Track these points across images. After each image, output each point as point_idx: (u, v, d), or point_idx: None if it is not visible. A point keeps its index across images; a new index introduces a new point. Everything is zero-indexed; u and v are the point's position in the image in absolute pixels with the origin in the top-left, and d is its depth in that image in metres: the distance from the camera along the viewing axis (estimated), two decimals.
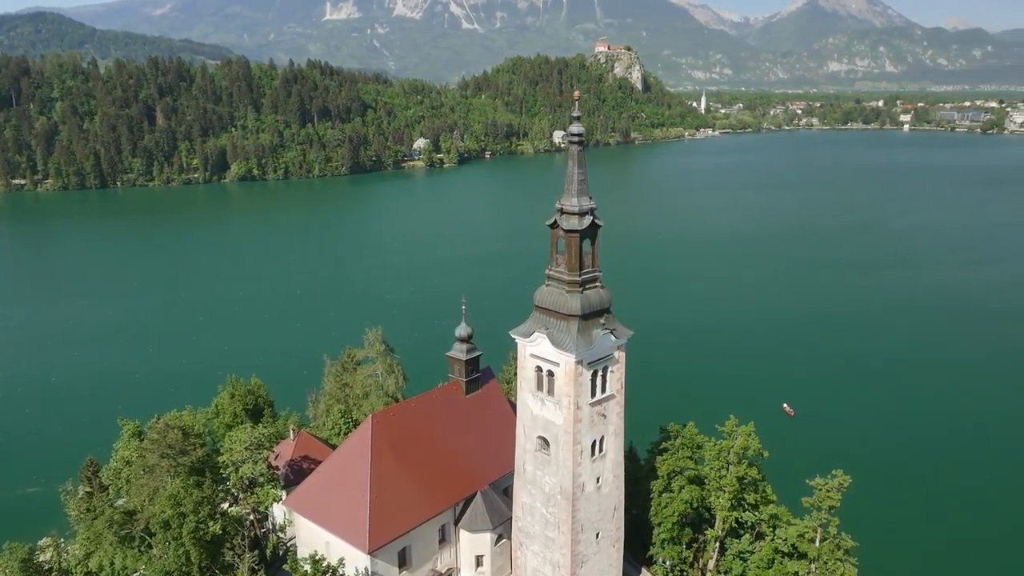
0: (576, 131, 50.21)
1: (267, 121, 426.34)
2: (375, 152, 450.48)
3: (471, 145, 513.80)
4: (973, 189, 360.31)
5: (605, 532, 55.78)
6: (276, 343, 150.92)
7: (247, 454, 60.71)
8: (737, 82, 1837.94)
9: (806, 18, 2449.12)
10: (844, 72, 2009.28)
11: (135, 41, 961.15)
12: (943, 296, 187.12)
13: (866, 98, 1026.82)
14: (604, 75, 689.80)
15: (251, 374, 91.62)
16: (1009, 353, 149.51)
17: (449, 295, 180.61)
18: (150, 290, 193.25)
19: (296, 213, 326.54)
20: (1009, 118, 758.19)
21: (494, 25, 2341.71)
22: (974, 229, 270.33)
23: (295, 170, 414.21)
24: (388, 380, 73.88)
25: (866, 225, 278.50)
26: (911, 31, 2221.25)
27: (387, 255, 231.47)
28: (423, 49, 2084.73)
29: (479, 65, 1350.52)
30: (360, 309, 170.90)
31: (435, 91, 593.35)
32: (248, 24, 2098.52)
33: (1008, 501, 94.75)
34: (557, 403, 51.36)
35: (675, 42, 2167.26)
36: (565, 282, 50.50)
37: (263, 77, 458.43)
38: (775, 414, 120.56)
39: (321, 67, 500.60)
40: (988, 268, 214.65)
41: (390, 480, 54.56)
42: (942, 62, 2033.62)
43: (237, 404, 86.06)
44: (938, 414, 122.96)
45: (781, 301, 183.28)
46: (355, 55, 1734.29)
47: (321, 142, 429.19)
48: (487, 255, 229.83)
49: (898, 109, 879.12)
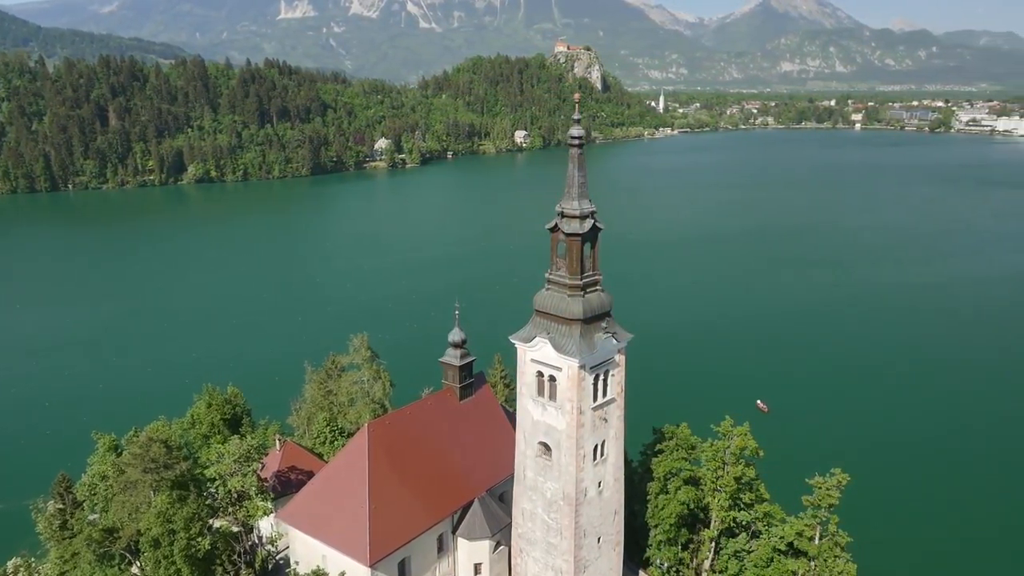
0: (576, 134, 49.85)
1: (225, 122, 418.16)
2: (336, 153, 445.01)
3: (433, 145, 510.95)
4: (925, 187, 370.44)
5: (606, 536, 55.51)
6: (249, 350, 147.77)
7: (236, 466, 58.96)
8: (693, 82, 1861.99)
9: (759, 19, 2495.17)
10: (796, 72, 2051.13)
11: (83, 39, 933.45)
12: (903, 291, 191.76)
13: (818, 97, 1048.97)
14: (564, 75, 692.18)
15: (226, 382, 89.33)
16: (974, 345, 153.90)
17: (422, 298, 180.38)
18: (111, 297, 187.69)
19: (259, 215, 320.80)
20: (955, 117, 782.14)
21: (452, 24, 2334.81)
22: (928, 226, 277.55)
23: (255, 171, 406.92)
24: (375, 387, 72.52)
25: (827, 223, 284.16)
26: (860, 32, 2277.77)
27: (356, 258, 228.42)
28: (380, 48, 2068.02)
29: (437, 65, 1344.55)
30: (333, 313, 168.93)
31: (395, 91, 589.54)
32: (200, 22, 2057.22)
33: (987, 491, 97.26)
34: (559, 408, 50.88)
35: (631, 42, 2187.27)
36: (566, 286, 50.02)
37: (219, 77, 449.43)
38: (751, 411, 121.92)
39: (279, 66, 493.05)
40: (945, 263, 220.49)
41: (389, 490, 53.46)
42: (889, 62, 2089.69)
43: (214, 414, 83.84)
44: (911, 406, 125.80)
45: (748, 299, 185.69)
46: (310, 54, 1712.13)
47: (281, 143, 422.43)
48: (459, 256, 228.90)
49: (849, 108, 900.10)
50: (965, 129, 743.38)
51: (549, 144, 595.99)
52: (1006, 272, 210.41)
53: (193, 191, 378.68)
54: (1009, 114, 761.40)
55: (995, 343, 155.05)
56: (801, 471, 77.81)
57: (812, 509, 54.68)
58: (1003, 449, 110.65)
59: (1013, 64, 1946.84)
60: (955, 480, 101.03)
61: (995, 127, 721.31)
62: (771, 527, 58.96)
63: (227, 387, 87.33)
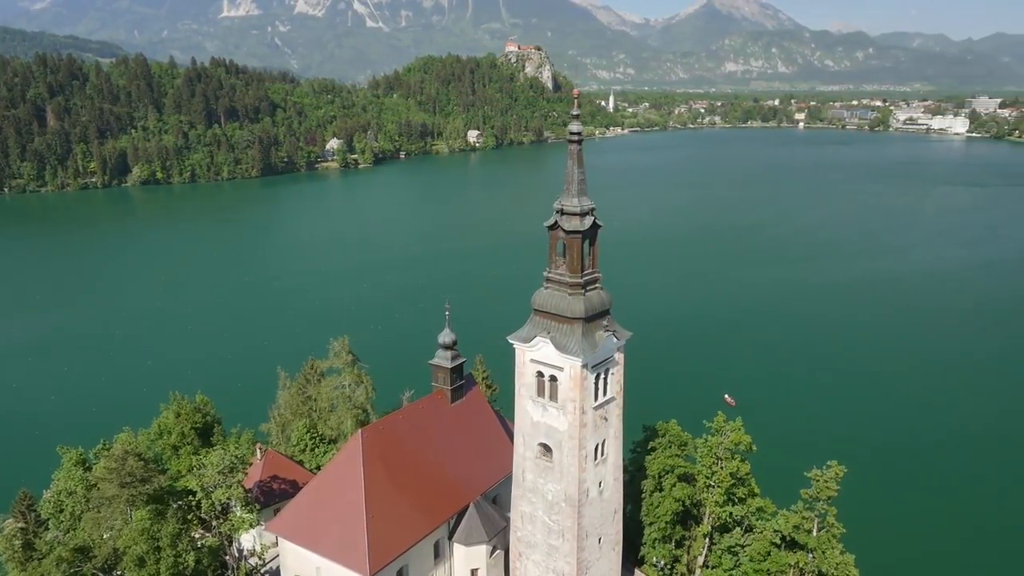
0: (575, 130, 49.35)
1: (170, 122, 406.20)
2: (287, 153, 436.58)
3: (385, 145, 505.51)
4: (871, 184, 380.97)
5: (606, 536, 54.97)
6: (214, 357, 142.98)
7: (220, 478, 56.60)
8: (640, 82, 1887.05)
9: (703, 20, 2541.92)
10: (740, 72, 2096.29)
11: (13, 37, 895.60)
12: (861, 284, 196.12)
13: (763, 97, 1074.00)
14: (515, 74, 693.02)
15: (194, 391, 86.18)
16: (928, 335, 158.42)
17: (390, 300, 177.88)
18: (59, 305, 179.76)
19: (212, 217, 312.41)
20: (893, 116, 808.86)
21: (399, 24, 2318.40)
22: (877, 222, 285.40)
23: (203, 173, 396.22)
24: (357, 391, 70.59)
25: (782, 219, 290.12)
26: (800, 33, 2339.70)
27: (317, 260, 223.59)
28: (327, 48, 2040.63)
29: (385, 64, 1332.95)
30: (297, 317, 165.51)
31: (346, 90, 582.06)
32: (138, 20, 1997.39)
33: (964, 475, 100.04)
34: (561, 408, 50.09)
35: (579, 42, 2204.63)
36: (567, 284, 49.27)
37: (163, 76, 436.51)
38: (720, 405, 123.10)
39: (226, 65, 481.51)
40: (897, 257, 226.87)
41: (385, 497, 51.93)
42: (829, 63, 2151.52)
43: (184, 423, 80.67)
44: (884, 395, 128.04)
45: (710, 296, 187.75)
46: (255, 53, 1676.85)
47: (229, 143, 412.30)
48: (424, 256, 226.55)
49: (793, 108, 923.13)
50: (903, 128, 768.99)
51: (502, 144, 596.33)
52: (955, 265, 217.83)
53: (138, 193, 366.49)
54: (943, 113, 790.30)
55: (958, 333, 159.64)
56: (780, 463, 79.01)
57: (810, 502, 54.96)
58: (976, 434, 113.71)
59: (944, 65, 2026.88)
60: (934, 467, 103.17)
61: (931, 126, 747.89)
62: (764, 521, 59.36)
63: (195, 395, 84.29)
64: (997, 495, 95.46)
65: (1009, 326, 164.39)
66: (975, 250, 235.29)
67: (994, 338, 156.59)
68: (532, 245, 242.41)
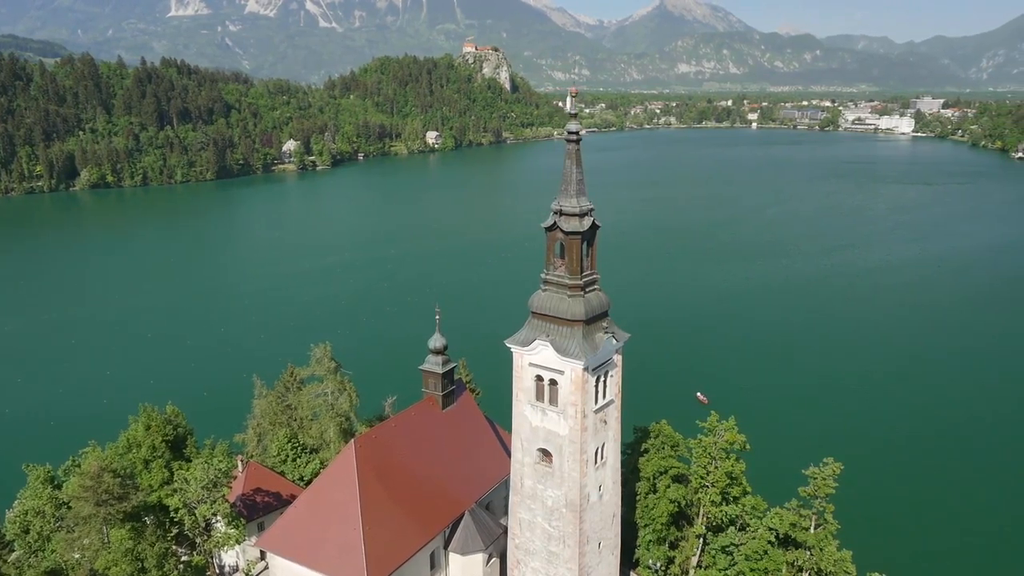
0: (574, 128, 48.55)
1: (120, 124, 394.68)
2: (243, 155, 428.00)
3: (343, 147, 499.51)
4: (826, 183, 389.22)
5: (606, 540, 54.31)
6: (180, 365, 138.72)
7: (204, 493, 54.39)
8: (595, 82, 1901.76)
9: (655, 22, 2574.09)
10: (693, 73, 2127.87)
11: None
12: (817, 281, 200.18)
13: (716, 98, 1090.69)
14: (473, 75, 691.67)
15: (159, 400, 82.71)
16: (898, 329, 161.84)
17: (358, 304, 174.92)
18: (8, 315, 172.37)
19: (165, 222, 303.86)
20: (842, 116, 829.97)
21: (353, 24, 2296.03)
22: (833, 219, 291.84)
23: (155, 176, 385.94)
24: (340, 399, 68.66)
25: (741, 218, 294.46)
26: (750, 35, 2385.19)
27: (278, 264, 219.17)
28: (279, 48, 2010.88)
29: (339, 65, 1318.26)
30: (265, 324, 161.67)
31: (301, 91, 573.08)
32: (82, 19, 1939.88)
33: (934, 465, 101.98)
34: (561, 413, 49.23)
35: (534, 43, 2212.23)
36: (566, 286, 48.41)
37: (112, 76, 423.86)
38: (691, 402, 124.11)
39: (177, 65, 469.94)
40: (857, 253, 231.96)
41: (381, 509, 50.42)
42: (778, 64, 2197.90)
43: (155, 436, 77.63)
44: (853, 388, 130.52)
45: (676, 293, 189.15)
46: (205, 54, 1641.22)
47: (183, 145, 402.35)
48: (394, 258, 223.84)
49: (745, 108, 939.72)
50: (851, 127, 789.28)
51: (461, 145, 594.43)
52: (910, 258, 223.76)
53: (88, 198, 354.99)
54: (890, 113, 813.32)
55: (928, 326, 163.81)
56: (759, 460, 78.83)
57: (808, 500, 55.12)
58: (959, 424, 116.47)
59: (887, 66, 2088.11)
60: (920, 460, 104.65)
61: (878, 126, 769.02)
62: (757, 519, 59.35)
63: (165, 406, 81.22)
64: (979, 484, 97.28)
65: (977, 317, 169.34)
66: (928, 245, 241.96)
67: (969, 330, 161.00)
68: (504, 246, 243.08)
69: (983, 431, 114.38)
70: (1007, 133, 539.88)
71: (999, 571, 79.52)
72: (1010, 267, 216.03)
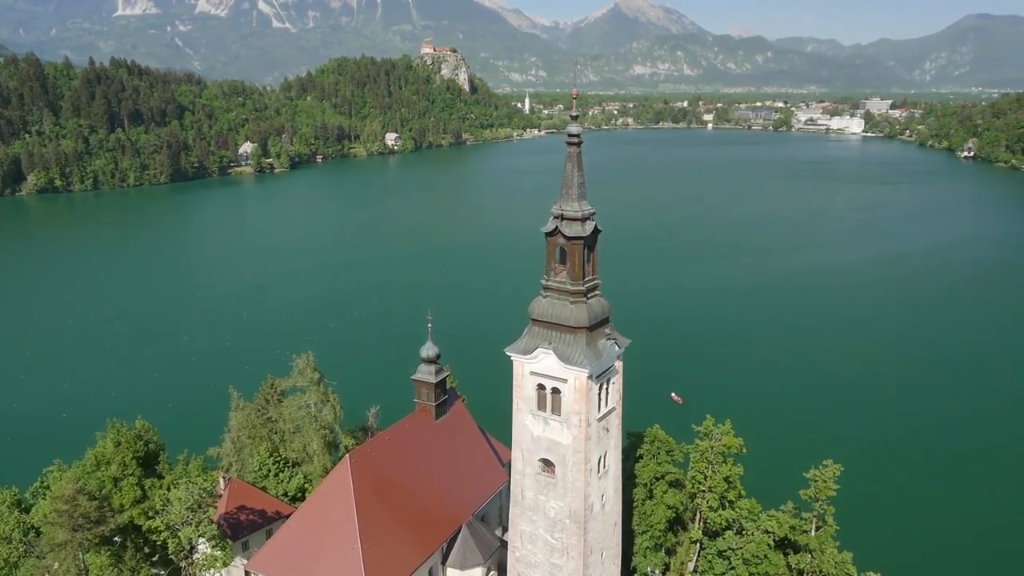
0: (575, 131, 47.27)
1: (68, 126, 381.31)
2: (198, 158, 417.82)
3: (301, 149, 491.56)
4: (784, 183, 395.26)
5: (608, 550, 53.35)
6: (145, 378, 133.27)
7: (189, 515, 51.78)
8: (552, 83, 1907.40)
9: (610, 24, 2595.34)
10: (648, 75, 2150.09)
11: None
12: (784, 278, 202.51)
13: (671, 99, 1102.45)
14: (432, 76, 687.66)
15: (125, 415, 79.18)
16: (864, 326, 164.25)
17: (324, 309, 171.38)
18: None
19: (118, 227, 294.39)
20: (794, 117, 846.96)
21: (307, 24, 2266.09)
22: (792, 217, 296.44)
23: (106, 179, 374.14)
24: (324, 410, 66.37)
25: (705, 217, 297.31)
26: (703, 37, 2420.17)
27: (239, 270, 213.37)
28: (231, 48, 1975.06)
29: (293, 65, 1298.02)
30: (234, 332, 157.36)
31: (257, 92, 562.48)
32: (24, 18, 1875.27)
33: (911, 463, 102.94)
34: (565, 422, 48.05)
35: (490, 45, 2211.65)
36: (568, 292, 47.27)
37: (59, 77, 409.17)
38: (667, 402, 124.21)
39: (128, 66, 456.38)
40: (816, 251, 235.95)
41: (379, 525, 48.60)
42: (731, 66, 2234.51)
43: (125, 452, 74.27)
44: (827, 387, 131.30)
45: (643, 295, 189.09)
46: (154, 54, 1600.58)
47: (135, 148, 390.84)
48: (356, 263, 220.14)
49: (701, 109, 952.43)
50: (804, 128, 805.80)
51: (421, 146, 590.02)
52: (875, 256, 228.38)
53: (35, 203, 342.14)
54: (840, 114, 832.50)
55: (902, 324, 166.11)
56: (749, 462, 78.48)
57: (809, 502, 54.92)
58: (944, 423, 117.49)
59: (836, 68, 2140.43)
60: (911, 459, 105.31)
61: (830, 126, 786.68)
62: (751, 522, 59.02)
63: (135, 421, 77.80)
64: (972, 482, 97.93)
65: (955, 312, 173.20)
66: (891, 243, 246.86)
67: (949, 325, 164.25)
68: (478, 248, 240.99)
69: (971, 426, 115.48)
70: (953, 133, 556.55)
71: (999, 571, 79.65)
72: (974, 262, 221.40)
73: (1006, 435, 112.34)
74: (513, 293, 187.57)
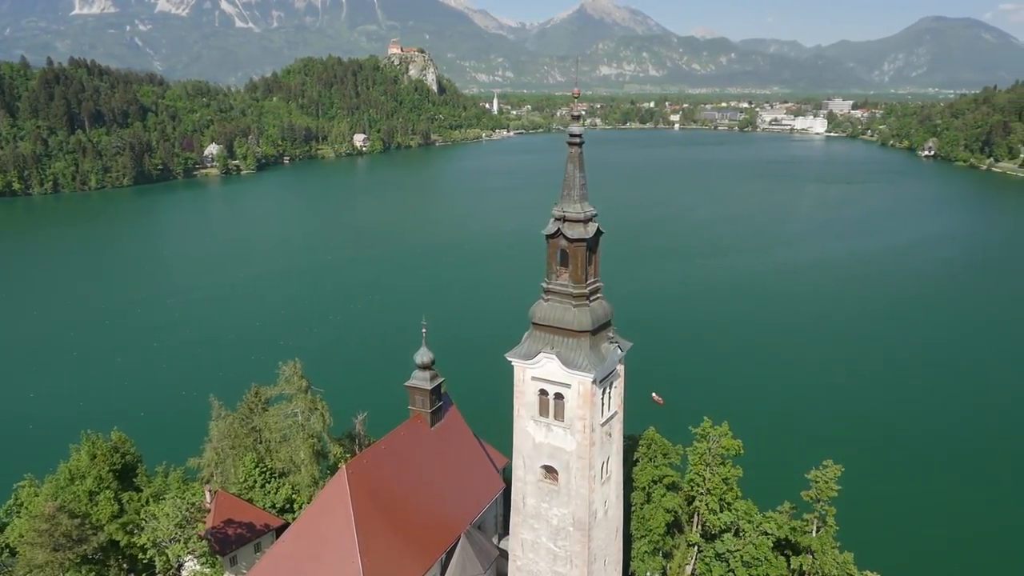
0: (576, 131, 46.39)
1: (26, 128, 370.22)
2: (162, 160, 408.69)
3: (268, 150, 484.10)
4: (752, 182, 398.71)
5: (610, 557, 52.64)
6: (117, 387, 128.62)
7: (177, 531, 49.84)
8: (519, 84, 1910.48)
9: (576, 25, 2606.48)
10: (614, 76, 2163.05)
11: None
12: (757, 277, 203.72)
13: (638, 99, 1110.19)
14: (399, 77, 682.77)
15: (98, 426, 76.73)
16: (842, 324, 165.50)
17: (298, 313, 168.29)
18: None
19: (82, 231, 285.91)
20: (759, 117, 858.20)
21: (271, 24, 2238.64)
22: (762, 216, 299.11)
23: (67, 182, 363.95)
24: (312, 419, 64.50)
25: (679, 216, 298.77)
26: (668, 39, 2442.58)
27: (207, 274, 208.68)
28: (193, 48, 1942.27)
29: (257, 66, 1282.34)
30: (208, 338, 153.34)
31: (222, 93, 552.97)
32: None
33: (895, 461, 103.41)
34: (568, 428, 47.17)
35: (457, 45, 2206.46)
36: (571, 296, 46.45)
37: (16, 77, 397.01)
38: (650, 404, 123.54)
39: (87, 66, 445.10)
40: (787, 250, 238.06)
41: (378, 537, 47.14)
42: (696, 67, 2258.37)
43: (101, 465, 71.66)
44: (808, 386, 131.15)
45: (622, 296, 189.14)
46: (113, 54, 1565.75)
47: (97, 150, 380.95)
48: (330, 265, 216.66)
49: (667, 110, 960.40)
50: (769, 128, 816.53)
51: (389, 147, 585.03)
52: (845, 254, 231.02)
53: None
54: (804, 114, 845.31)
55: (878, 321, 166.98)
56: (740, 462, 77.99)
57: (811, 503, 54.69)
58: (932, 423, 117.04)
59: (798, 69, 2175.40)
60: (906, 459, 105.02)
61: (794, 126, 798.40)
62: (748, 523, 58.65)
63: (110, 432, 75.17)
64: (965, 479, 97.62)
65: (934, 309, 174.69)
66: (859, 241, 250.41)
67: (930, 322, 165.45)
68: (456, 249, 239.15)
69: (958, 423, 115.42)
70: (913, 133, 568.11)
71: (999, 570, 79.93)
72: (948, 260, 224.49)
73: (1006, 435, 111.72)
74: (495, 293, 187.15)
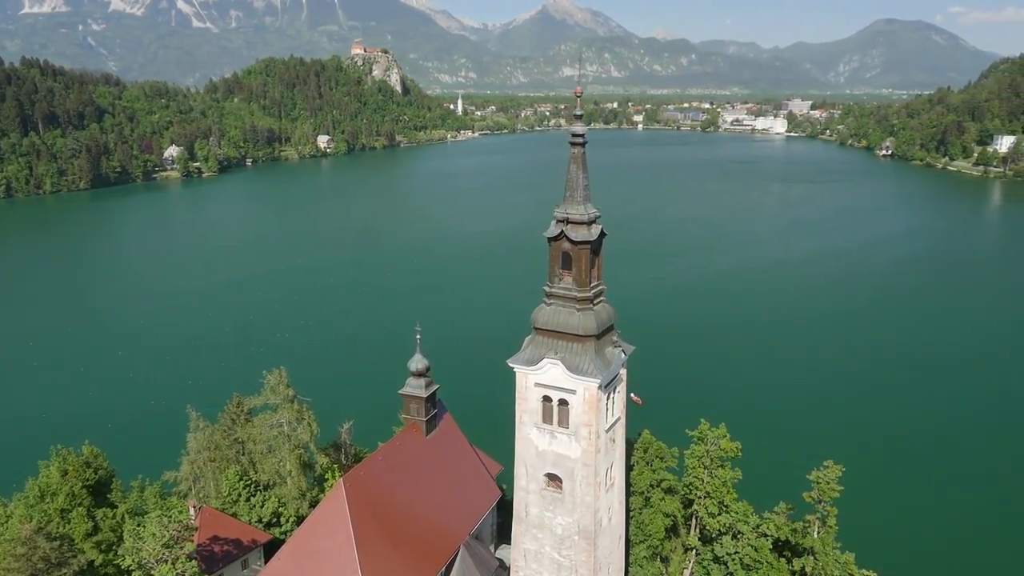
0: (579, 131, 45.41)
1: None
2: (120, 162, 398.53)
3: (230, 152, 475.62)
4: (717, 182, 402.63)
5: (613, 565, 51.76)
6: (84, 399, 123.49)
7: (165, 552, 47.49)
8: (482, 85, 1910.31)
9: (539, 26, 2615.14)
10: (577, 76, 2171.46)
11: None
12: (728, 276, 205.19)
13: (601, 100, 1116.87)
14: (363, 78, 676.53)
15: (71, 440, 73.59)
16: (822, 323, 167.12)
17: (267, 319, 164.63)
18: None
19: (38, 236, 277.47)
20: (721, 117, 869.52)
21: (229, 24, 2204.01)
22: (728, 215, 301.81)
23: (20, 186, 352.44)
24: (299, 429, 62.46)
25: (646, 216, 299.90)
26: (629, 40, 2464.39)
27: (171, 280, 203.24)
28: (149, 48, 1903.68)
29: (216, 66, 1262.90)
30: (175, 347, 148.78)
31: (181, 94, 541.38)
32: None
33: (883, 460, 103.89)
34: (573, 435, 46.13)
35: (419, 46, 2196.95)
36: (575, 299, 45.43)
37: None
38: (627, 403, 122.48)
39: (40, 66, 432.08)
40: (755, 249, 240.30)
41: (378, 552, 45.57)
42: (657, 68, 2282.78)
43: (73, 481, 68.59)
44: (791, 386, 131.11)
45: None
46: (65, 54, 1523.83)
47: (51, 153, 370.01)
48: (293, 268, 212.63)
49: (631, 110, 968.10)
50: (730, 128, 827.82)
51: (354, 149, 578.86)
52: (814, 252, 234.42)
53: None
54: (764, 114, 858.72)
55: (859, 321, 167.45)
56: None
57: (812, 504, 54.40)
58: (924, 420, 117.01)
59: (757, 70, 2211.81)
60: (903, 458, 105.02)
61: (755, 126, 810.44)
62: (745, 523, 58.20)
63: (82, 447, 72.03)
64: (963, 479, 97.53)
65: (913, 307, 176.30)
66: (822, 239, 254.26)
67: (915, 320, 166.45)
68: (430, 251, 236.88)
69: (959, 423, 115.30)
70: (871, 133, 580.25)
71: (999, 570, 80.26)
72: (916, 257, 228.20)
73: (1006, 433, 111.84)
74: (474, 295, 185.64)
